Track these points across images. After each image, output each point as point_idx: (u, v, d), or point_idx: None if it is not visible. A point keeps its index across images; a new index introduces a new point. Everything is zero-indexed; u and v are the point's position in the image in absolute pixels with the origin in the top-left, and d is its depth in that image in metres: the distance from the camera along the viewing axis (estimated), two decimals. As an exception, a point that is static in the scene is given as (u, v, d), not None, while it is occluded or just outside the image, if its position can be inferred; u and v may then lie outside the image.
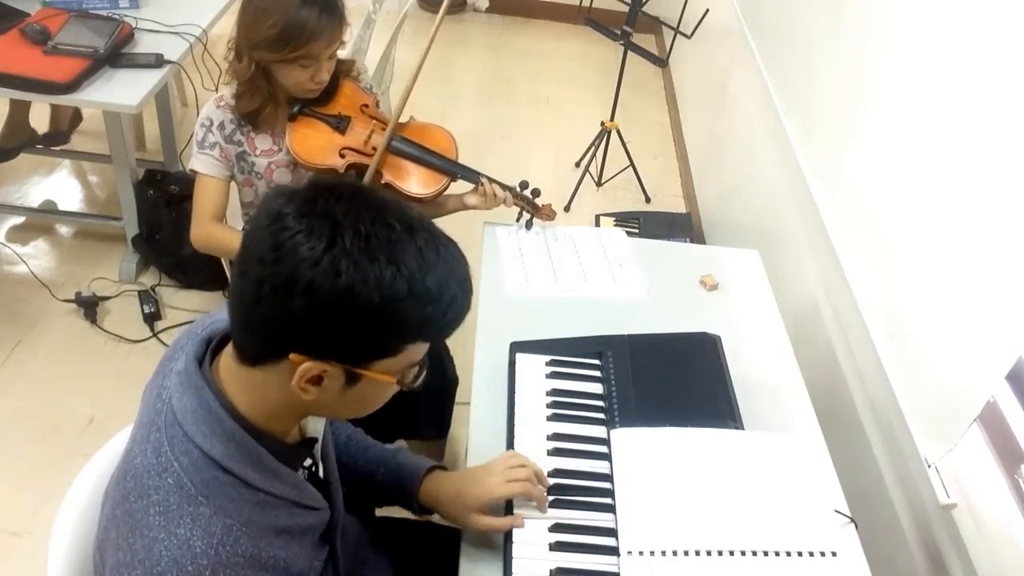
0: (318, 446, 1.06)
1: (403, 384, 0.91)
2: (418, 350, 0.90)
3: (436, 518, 2.16)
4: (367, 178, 1.79)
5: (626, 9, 3.17)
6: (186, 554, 0.83)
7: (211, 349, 0.95)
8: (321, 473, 1.08)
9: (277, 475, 0.92)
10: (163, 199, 2.76)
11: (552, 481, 1.30)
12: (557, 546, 1.21)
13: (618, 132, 3.50)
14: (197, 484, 0.86)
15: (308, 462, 1.04)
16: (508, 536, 1.22)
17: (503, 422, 1.41)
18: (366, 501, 1.33)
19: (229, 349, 0.91)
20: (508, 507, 1.25)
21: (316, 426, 1.05)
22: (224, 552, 0.85)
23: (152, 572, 0.83)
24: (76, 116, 3.24)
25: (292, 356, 0.83)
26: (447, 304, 0.86)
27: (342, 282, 0.79)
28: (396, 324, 0.83)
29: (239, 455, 0.88)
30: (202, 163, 1.83)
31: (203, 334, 0.97)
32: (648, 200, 3.59)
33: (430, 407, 2.01)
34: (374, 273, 0.80)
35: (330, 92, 1.84)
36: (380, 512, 1.48)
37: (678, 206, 3.60)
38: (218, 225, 1.85)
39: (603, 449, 1.35)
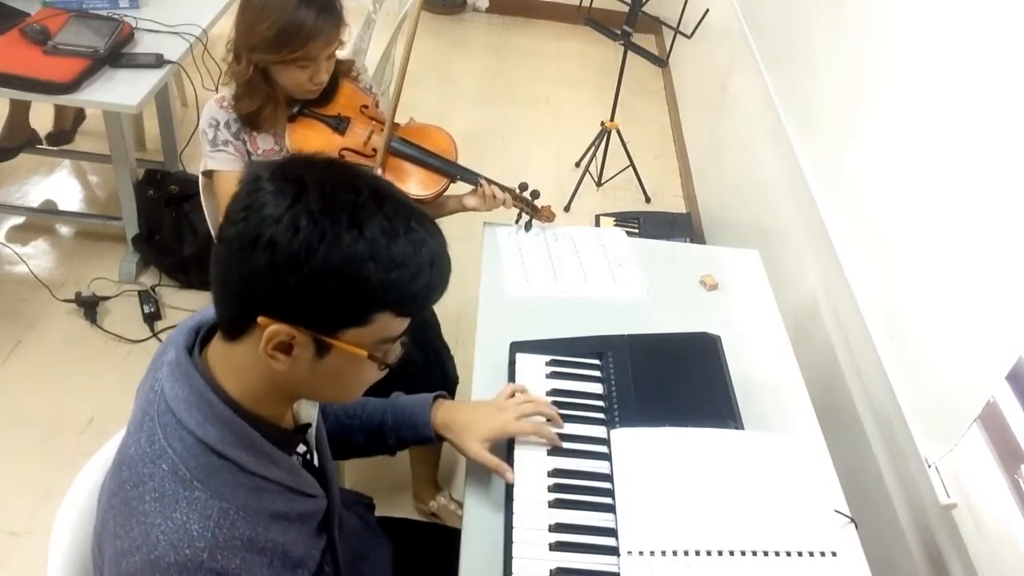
0: (312, 431, 1.06)
1: (377, 361, 0.91)
2: (390, 323, 0.88)
3: (437, 511, 2.18)
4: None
5: (626, 9, 3.18)
6: (183, 538, 0.84)
7: (200, 338, 0.95)
8: (316, 461, 1.08)
9: (271, 459, 0.92)
10: (163, 199, 2.76)
11: (552, 481, 1.30)
12: (557, 546, 1.21)
13: (618, 132, 3.50)
14: (192, 469, 0.86)
15: (302, 449, 1.04)
16: (508, 536, 1.22)
17: (503, 422, 1.41)
18: (379, 450, 1.34)
19: (218, 334, 0.92)
20: (510, 443, 1.33)
21: (309, 412, 1.06)
22: (221, 535, 0.85)
23: (150, 557, 0.83)
24: (79, 115, 3.24)
25: (260, 319, 0.84)
26: (413, 272, 0.85)
27: (300, 238, 0.80)
28: (356, 288, 0.83)
29: (233, 439, 0.89)
30: (219, 161, 1.82)
31: (192, 324, 0.97)
32: (648, 200, 3.59)
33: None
34: (332, 232, 0.80)
35: (329, 93, 1.84)
36: (380, 512, 1.48)
37: (678, 206, 3.60)
38: None
39: (603, 449, 1.35)
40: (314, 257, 0.80)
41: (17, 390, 2.43)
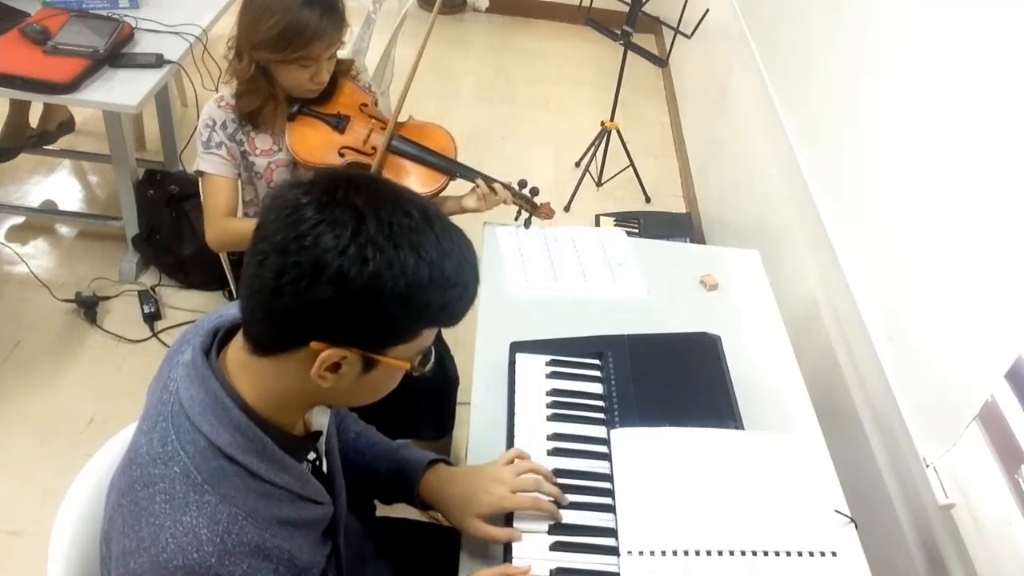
0: (322, 439, 1.06)
1: (415, 370, 0.93)
2: (430, 335, 0.92)
3: (439, 516, 2.17)
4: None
5: (626, 9, 3.18)
6: (192, 541, 0.84)
7: (218, 340, 0.96)
8: (325, 468, 1.08)
9: (282, 466, 0.93)
10: (163, 199, 2.76)
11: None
12: (557, 546, 1.21)
13: (618, 132, 3.50)
14: (203, 473, 0.87)
15: (312, 456, 1.04)
16: (508, 536, 1.22)
17: (503, 422, 1.41)
18: (372, 496, 1.33)
19: (238, 340, 0.92)
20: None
21: (320, 419, 1.06)
22: (230, 541, 0.86)
23: (158, 559, 0.84)
24: (68, 123, 3.18)
25: (313, 344, 0.84)
26: (463, 289, 0.88)
27: (369, 269, 0.81)
28: (418, 309, 0.85)
29: (245, 445, 0.89)
30: (209, 163, 1.82)
31: (209, 326, 0.97)
32: (648, 200, 3.59)
33: (430, 407, 2.00)
34: (399, 260, 0.82)
35: (329, 91, 1.84)
36: (380, 512, 1.48)
37: (678, 206, 3.60)
38: (233, 219, 1.84)
39: (603, 449, 1.35)
40: (383, 286, 0.81)
41: (17, 390, 2.43)
